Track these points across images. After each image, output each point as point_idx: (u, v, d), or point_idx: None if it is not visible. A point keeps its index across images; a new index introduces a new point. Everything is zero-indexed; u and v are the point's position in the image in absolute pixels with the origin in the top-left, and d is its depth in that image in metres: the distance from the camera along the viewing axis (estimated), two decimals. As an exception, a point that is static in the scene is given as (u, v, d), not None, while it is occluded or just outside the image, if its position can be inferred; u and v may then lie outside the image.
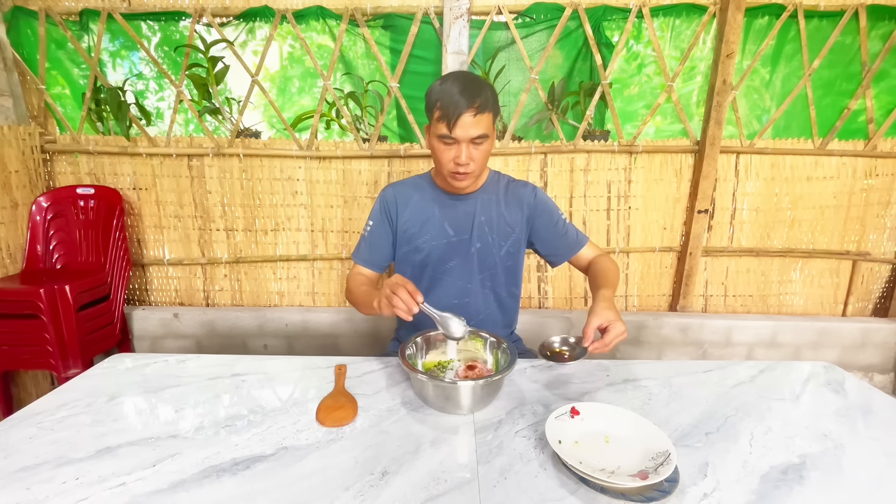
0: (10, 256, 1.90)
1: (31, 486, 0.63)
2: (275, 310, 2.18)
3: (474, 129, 0.99)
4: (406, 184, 1.21)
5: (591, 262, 1.18)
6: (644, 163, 2.10)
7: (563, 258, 1.21)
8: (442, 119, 1.00)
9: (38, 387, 2.02)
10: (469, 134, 0.99)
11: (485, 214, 1.16)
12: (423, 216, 1.16)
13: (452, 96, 0.98)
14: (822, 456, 0.72)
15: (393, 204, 1.18)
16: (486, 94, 1.00)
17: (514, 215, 1.17)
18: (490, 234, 1.16)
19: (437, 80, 1.04)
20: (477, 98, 0.98)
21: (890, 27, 1.94)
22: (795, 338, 2.12)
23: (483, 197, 1.17)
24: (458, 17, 1.86)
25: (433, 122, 1.04)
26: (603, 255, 1.19)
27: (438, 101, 1.00)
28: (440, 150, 1.04)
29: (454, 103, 0.97)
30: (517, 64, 2.03)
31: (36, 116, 2.03)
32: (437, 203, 1.16)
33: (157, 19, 1.99)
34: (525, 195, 1.18)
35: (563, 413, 0.75)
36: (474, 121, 0.99)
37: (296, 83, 2.16)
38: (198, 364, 1.00)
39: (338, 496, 0.61)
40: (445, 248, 1.16)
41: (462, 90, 0.98)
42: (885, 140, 2.06)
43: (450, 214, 1.16)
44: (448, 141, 1.01)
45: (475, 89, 0.99)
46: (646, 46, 2.06)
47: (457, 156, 1.02)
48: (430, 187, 1.19)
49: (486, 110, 1.00)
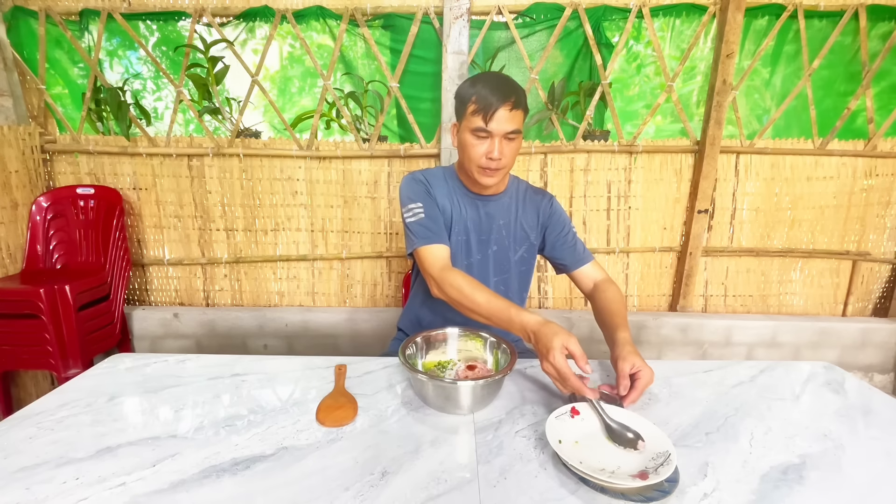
0: (10, 256, 1.90)
1: (31, 486, 0.62)
2: (275, 310, 2.18)
3: (509, 123, 1.01)
4: (434, 173, 1.18)
5: (598, 287, 1.15)
6: (644, 163, 2.10)
7: (567, 269, 1.21)
8: (478, 112, 1.01)
9: (38, 387, 2.02)
10: (504, 128, 1.01)
11: (503, 218, 1.16)
12: (450, 208, 1.14)
13: (489, 90, 1.00)
14: (822, 456, 0.71)
15: (434, 186, 1.14)
16: (519, 92, 1.03)
17: (530, 221, 1.18)
18: (507, 238, 1.17)
19: (469, 79, 1.06)
20: (513, 94, 1.01)
21: (890, 27, 1.94)
22: (795, 338, 2.12)
23: (504, 201, 1.17)
24: (458, 17, 1.86)
25: (467, 116, 1.04)
26: (609, 281, 1.16)
27: (475, 95, 1.02)
28: (472, 145, 1.04)
29: (491, 97, 0.99)
30: (517, 64, 2.03)
31: (36, 116, 2.03)
32: (461, 200, 1.16)
33: (157, 19, 1.99)
34: (542, 203, 1.19)
35: (563, 413, 0.75)
36: (510, 115, 1.01)
37: (296, 83, 2.16)
38: (198, 364, 1.00)
39: (338, 496, 0.61)
40: (464, 245, 1.16)
41: (498, 86, 1.01)
42: (885, 140, 2.06)
43: (471, 213, 1.16)
44: (482, 134, 1.02)
45: (510, 87, 1.02)
46: (646, 46, 2.06)
47: (489, 150, 1.03)
48: (455, 182, 1.17)
49: (520, 107, 1.03)
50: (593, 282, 1.18)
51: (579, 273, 1.19)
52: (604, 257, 2.20)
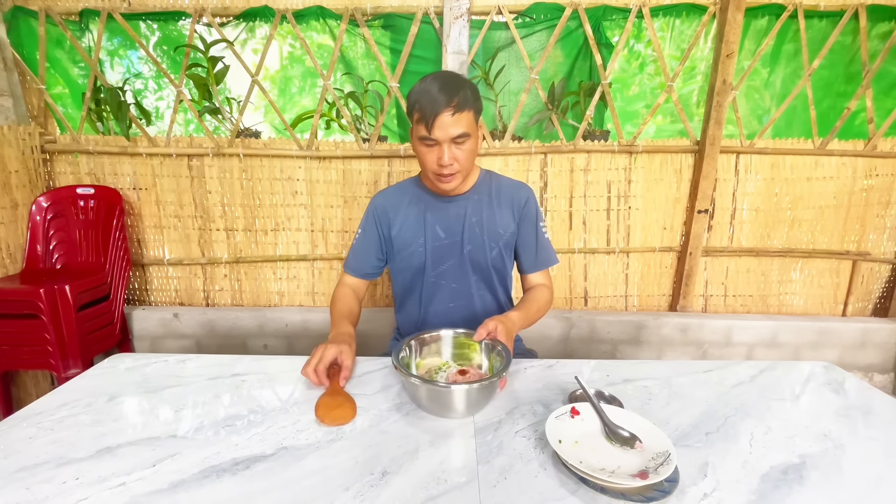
0: (10, 256, 1.90)
1: (31, 486, 0.63)
2: (275, 310, 2.18)
3: (454, 128, 0.97)
4: (394, 191, 1.20)
5: (534, 287, 1.18)
6: (644, 163, 2.10)
7: (519, 269, 1.21)
8: (421, 121, 0.98)
9: (38, 387, 2.02)
10: (449, 134, 0.97)
11: (476, 216, 1.14)
12: (414, 222, 1.15)
13: (430, 96, 0.95)
14: (822, 456, 0.71)
15: (384, 213, 1.16)
16: (464, 91, 0.97)
17: (505, 217, 1.15)
18: (481, 236, 1.14)
19: (418, 82, 1.01)
20: (454, 96, 0.95)
21: (890, 27, 1.94)
22: (795, 338, 2.12)
23: (474, 198, 1.14)
24: (458, 17, 1.86)
25: (413, 125, 1.02)
26: (546, 287, 1.17)
27: (417, 102, 0.98)
28: (423, 153, 1.02)
29: (431, 103, 0.95)
30: (517, 64, 2.03)
31: (36, 116, 2.03)
32: (427, 206, 1.15)
33: (157, 19, 1.99)
34: (518, 198, 1.16)
35: (563, 413, 0.75)
36: (453, 120, 0.96)
37: (296, 83, 2.16)
38: (198, 364, 1.00)
39: (338, 496, 0.61)
40: (438, 250, 1.15)
41: (439, 89, 0.96)
42: (885, 140, 2.06)
43: (440, 217, 1.14)
44: (429, 143, 0.99)
45: (452, 87, 0.96)
46: (646, 46, 2.06)
47: (439, 157, 1.00)
48: (418, 190, 1.17)
49: (466, 108, 0.97)
50: (534, 284, 1.19)
51: (527, 277, 1.20)
52: (604, 257, 2.20)
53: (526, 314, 1.05)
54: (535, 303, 1.11)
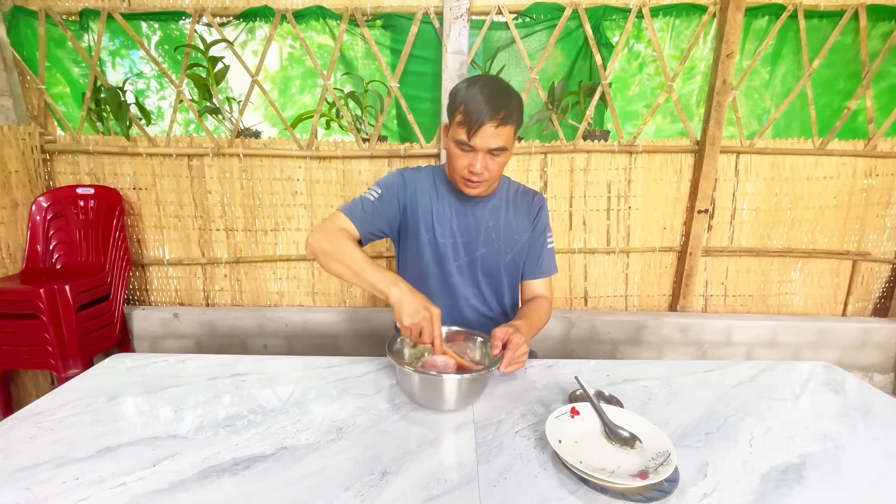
0: (10, 256, 1.90)
1: (31, 486, 0.63)
2: (275, 310, 2.18)
3: (494, 140, 0.96)
4: (425, 174, 1.16)
5: (535, 297, 1.18)
6: (644, 163, 2.10)
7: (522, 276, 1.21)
8: (463, 124, 0.96)
9: (38, 387, 2.02)
10: (488, 145, 0.96)
11: (493, 220, 1.14)
12: (435, 212, 1.13)
13: (478, 103, 0.94)
14: (822, 456, 0.72)
15: (413, 189, 1.12)
16: (512, 105, 0.96)
17: (521, 224, 1.16)
18: (496, 241, 1.14)
19: (465, 81, 1.00)
20: (502, 109, 0.94)
21: (890, 27, 1.94)
22: (795, 338, 2.12)
23: (493, 203, 1.14)
24: (458, 17, 1.86)
25: (453, 125, 1.00)
26: (547, 299, 1.18)
27: (463, 104, 0.96)
28: (456, 155, 1.01)
29: (478, 111, 0.93)
30: (517, 64, 2.03)
31: (36, 116, 2.03)
32: (449, 201, 1.14)
33: (157, 19, 1.99)
34: (533, 206, 1.18)
35: (563, 413, 0.75)
36: (495, 132, 0.95)
37: (296, 83, 2.16)
38: (198, 364, 1.00)
39: (338, 496, 0.61)
40: (451, 248, 1.14)
41: (488, 98, 0.94)
42: (885, 140, 2.06)
43: (459, 216, 1.14)
44: (465, 148, 0.98)
45: (502, 100, 0.95)
46: (646, 46, 2.06)
47: (472, 164, 0.99)
48: (444, 183, 1.15)
49: (510, 123, 0.96)
50: (535, 294, 1.19)
51: (528, 283, 1.21)
52: (604, 257, 2.20)
53: (530, 326, 1.04)
54: (537, 312, 1.11)
